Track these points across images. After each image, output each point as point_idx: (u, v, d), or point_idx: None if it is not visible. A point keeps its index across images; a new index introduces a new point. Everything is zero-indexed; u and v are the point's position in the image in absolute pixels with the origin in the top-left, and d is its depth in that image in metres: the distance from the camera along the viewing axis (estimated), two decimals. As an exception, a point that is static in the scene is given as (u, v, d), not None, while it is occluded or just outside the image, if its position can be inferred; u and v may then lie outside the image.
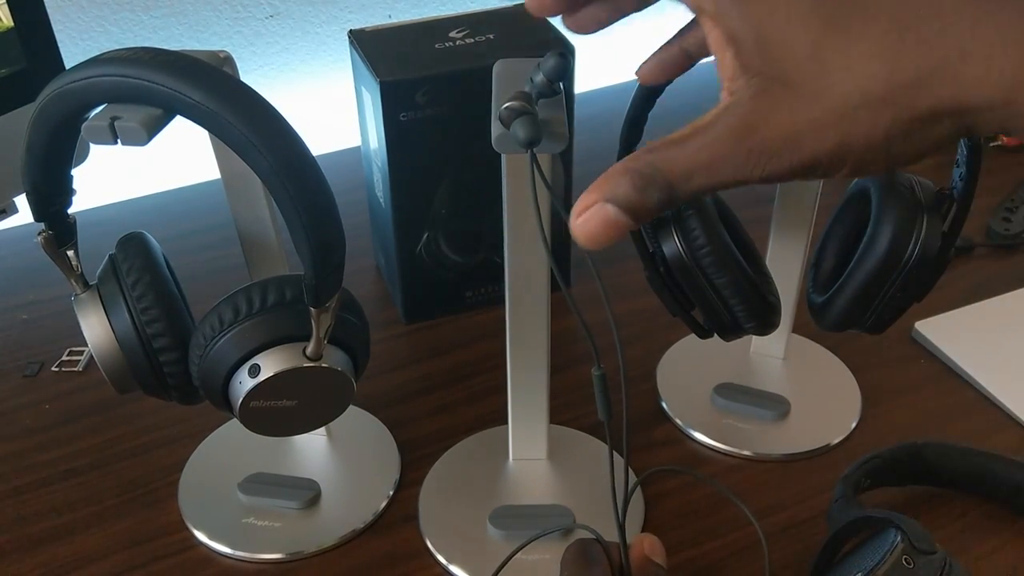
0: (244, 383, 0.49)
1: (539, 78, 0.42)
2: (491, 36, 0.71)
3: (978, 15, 0.29)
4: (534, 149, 0.40)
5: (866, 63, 0.30)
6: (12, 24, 0.67)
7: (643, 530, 0.60)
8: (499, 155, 0.48)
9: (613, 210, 0.32)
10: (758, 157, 0.31)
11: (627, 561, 0.44)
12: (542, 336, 0.57)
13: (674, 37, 0.41)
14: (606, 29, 0.39)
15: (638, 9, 0.38)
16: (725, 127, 0.31)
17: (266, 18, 1.00)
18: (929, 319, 0.75)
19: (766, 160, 0.31)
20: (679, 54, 0.41)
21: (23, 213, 0.70)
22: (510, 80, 0.47)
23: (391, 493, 0.63)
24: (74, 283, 0.51)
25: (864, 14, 0.30)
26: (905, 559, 0.48)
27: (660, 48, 0.42)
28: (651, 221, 0.54)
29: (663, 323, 0.69)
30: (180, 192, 0.95)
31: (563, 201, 0.75)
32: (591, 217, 0.32)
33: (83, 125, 0.43)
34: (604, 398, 0.41)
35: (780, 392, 0.69)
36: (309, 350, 0.48)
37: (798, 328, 0.71)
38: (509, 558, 0.50)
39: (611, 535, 0.45)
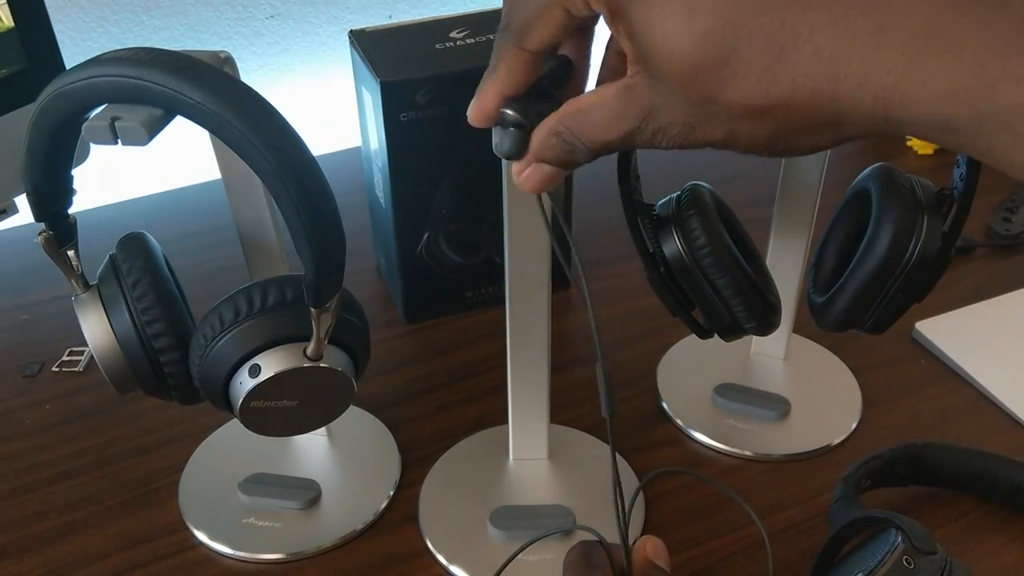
0: (244, 383, 0.49)
1: (540, 82, 0.41)
2: (491, 36, 0.71)
3: (852, 40, 0.29)
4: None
5: (742, 83, 0.31)
6: (12, 24, 0.67)
7: (644, 530, 0.60)
8: (499, 155, 0.48)
9: (549, 168, 0.38)
10: (660, 135, 0.35)
11: (629, 565, 0.44)
12: (542, 336, 0.57)
13: (608, 45, 0.41)
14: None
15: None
16: (632, 108, 0.35)
17: (266, 18, 1.00)
18: (929, 319, 0.75)
19: (669, 138, 0.35)
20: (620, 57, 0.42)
21: (23, 213, 0.70)
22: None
23: (391, 493, 0.63)
24: (74, 283, 0.51)
25: (737, 34, 0.31)
26: (906, 559, 0.48)
27: (603, 59, 0.43)
28: (651, 221, 0.55)
29: (663, 323, 0.69)
30: (180, 192, 0.95)
31: (563, 201, 0.75)
32: (531, 174, 0.38)
33: (83, 125, 0.43)
34: (608, 392, 0.41)
35: (780, 392, 0.69)
36: (309, 350, 0.48)
37: (798, 328, 0.71)
38: (510, 560, 0.50)
39: (613, 535, 0.45)
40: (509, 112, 0.38)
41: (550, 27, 0.36)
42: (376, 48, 0.70)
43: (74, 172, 0.48)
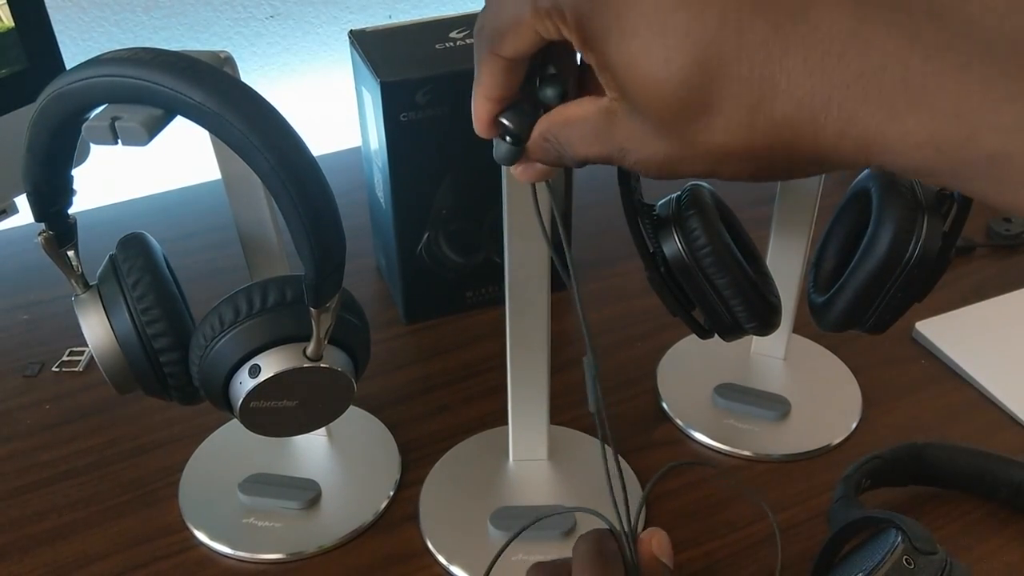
0: (244, 383, 0.49)
1: (537, 95, 0.41)
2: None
3: (831, 92, 0.29)
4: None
5: (722, 132, 0.31)
6: (12, 24, 0.67)
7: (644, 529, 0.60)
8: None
9: (542, 166, 0.40)
10: (640, 167, 0.35)
11: (636, 559, 0.43)
12: (542, 336, 0.57)
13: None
14: None
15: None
16: (610, 134, 0.35)
17: (267, 18, 1.00)
18: (929, 319, 0.75)
19: (647, 171, 0.35)
20: None
21: (23, 213, 0.70)
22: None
23: (392, 493, 0.63)
24: (74, 283, 0.51)
25: (715, 81, 0.30)
26: (906, 559, 0.48)
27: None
28: (652, 221, 0.55)
29: (663, 323, 0.69)
30: (180, 192, 0.95)
31: (563, 202, 0.75)
32: (527, 169, 0.40)
33: (84, 125, 0.43)
34: (594, 386, 0.41)
35: (780, 392, 0.69)
36: (309, 350, 0.48)
37: (798, 328, 0.71)
38: (504, 546, 0.49)
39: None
40: (505, 122, 0.38)
41: (522, 41, 0.35)
42: (376, 48, 0.70)
43: (74, 172, 0.48)
